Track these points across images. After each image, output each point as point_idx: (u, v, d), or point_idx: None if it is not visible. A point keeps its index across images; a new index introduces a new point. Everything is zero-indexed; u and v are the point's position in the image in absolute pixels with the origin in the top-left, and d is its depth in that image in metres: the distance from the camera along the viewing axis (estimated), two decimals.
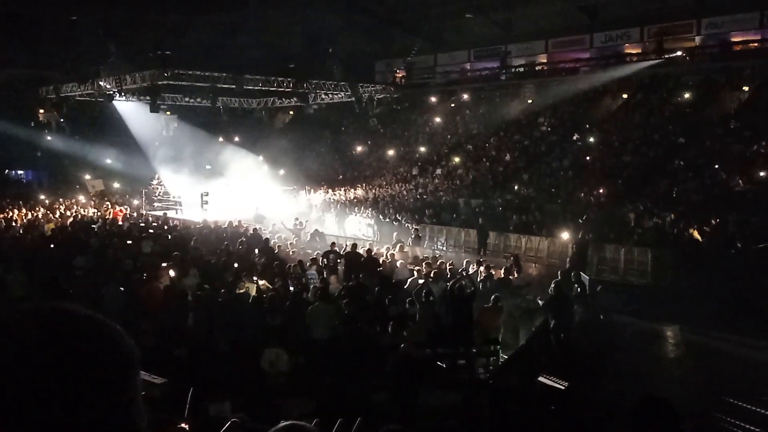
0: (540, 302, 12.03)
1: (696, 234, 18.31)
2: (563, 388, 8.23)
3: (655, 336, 13.52)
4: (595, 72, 32.48)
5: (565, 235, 19.50)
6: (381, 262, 16.08)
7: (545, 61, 37.46)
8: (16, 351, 0.75)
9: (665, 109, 28.58)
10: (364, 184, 32.00)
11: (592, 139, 28.09)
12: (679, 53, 30.97)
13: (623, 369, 10.40)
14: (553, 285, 12.15)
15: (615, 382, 9.84)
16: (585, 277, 14.18)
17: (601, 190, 23.60)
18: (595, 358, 10.66)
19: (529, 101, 33.77)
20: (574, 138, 29.17)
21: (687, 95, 28.62)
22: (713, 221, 18.45)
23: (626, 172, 24.90)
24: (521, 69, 37.52)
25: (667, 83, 29.92)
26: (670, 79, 29.96)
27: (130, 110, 35.18)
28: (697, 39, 31.63)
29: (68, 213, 25.40)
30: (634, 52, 33.66)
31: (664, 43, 31.31)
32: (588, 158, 27.03)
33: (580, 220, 20.49)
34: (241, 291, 12.60)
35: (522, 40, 37.70)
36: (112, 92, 31.60)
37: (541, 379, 8.42)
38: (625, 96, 31.01)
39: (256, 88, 32.73)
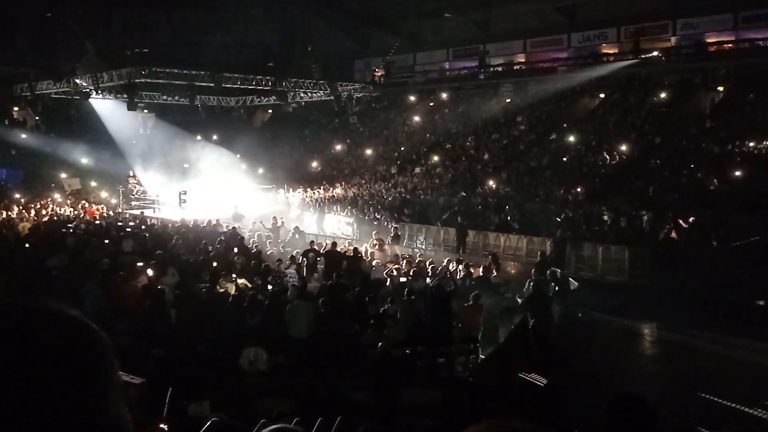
0: (519, 300, 12.12)
1: (672, 233, 18.55)
2: (542, 385, 8.30)
3: (633, 333, 13.71)
4: (572, 72, 32.75)
5: (543, 234, 19.67)
6: (361, 260, 16.08)
7: (523, 60, 37.66)
8: None
9: (642, 108, 28.92)
10: (343, 183, 31.96)
11: (569, 138, 28.33)
12: (655, 53, 31.35)
13: (601, 366, 10.52)
14: (531, 283, 12.26)
15: (593, 379, 9.94)
16: (563, 275, 14.31)
17: (578, 189, 23.82)
18: (574, 355, 10.77)
19: (508, 100, 33.97)
20: (552, 137, 29.40)
21: (663, 95, 29.00)
22: (689, 220, 18.71)
23: (603, 171, 25.16)
24: (499, 68, 37.70)
25: (643, 83, 30.28)
26: (646, 79, 30.34)
27: (107, 108, 34.72)
28: (673, 39, 32.03)
29: (44, 212, 25.02)
30: (610, 52, 33.98)
31: (641, 43, 31.68)
32: (566, 157, 27.26)
33: (558, 219, 20.66)
34: (221, 290, 12.53)
35: (500, 40, 37.86)
36: (88, 90, 31.17)
37: (520, 376, 8.49)
38: (602, 95, 31.33)
39: (235, 86, 32.51)
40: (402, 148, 34.47)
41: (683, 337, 13.23)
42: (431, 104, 37.91)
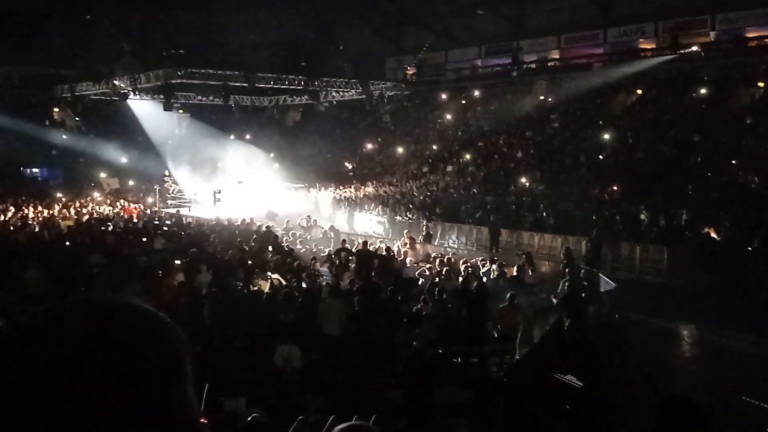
0: (554, 300, 11.98)
1: (712, 232, 18.15)
2: (578, 386, 8.19)
3: (671, 335, 13.44)
4: (608, 68, 32.24)
5: (578, 233, 19.42)
6: (394, 259, 16.08)
7: (558, 57, 37.23)
8: (73, 343, 0.75)
9: (680, 105, 28.33)
10: (374, 182, 32.01)
11: (605, 136, 27.90)
12: (694, 49, 30.67)
13: (639, 368, 10.34)
14: (566, 283, 12.10)
15: (630, 381, 9.78)
16: (599, 275, 14.10)
17: (615, 188, 23.45)
18: (610, 357, 10.60)
19: (541, 97, 33.58)
20: (588, 134, 28.99)
21: (702, 91, 28.35)
22: (729, 219, 18.28)
23: (640, 169, 24.73)
24: (533, 65, 37.31)
25: (681, 79, 29.65)
26: (684, 75, 29.69)
27: (144, 109, 35.40)
28: (712, 34, 31.32)
29: (84, 211, 25.60)
30: (648, 47, 33.37)
31: (679, 38, 31.04)
32: (601, 155, 26.86)
33: (594, 218, 20.37)
34: (255, 288, 12.66)
35: (534, 36, 37.48)
36: (126, 91, 31.81)
37: (555, 377, 8.39)
38: (639, 92, 30.77)
39: (268, 86, 32.82)
40: (434, 147, 34.36)
41: (723, 339, 12.93)
42: (463, 102, 37.70)
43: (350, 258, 16.07)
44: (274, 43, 37.76)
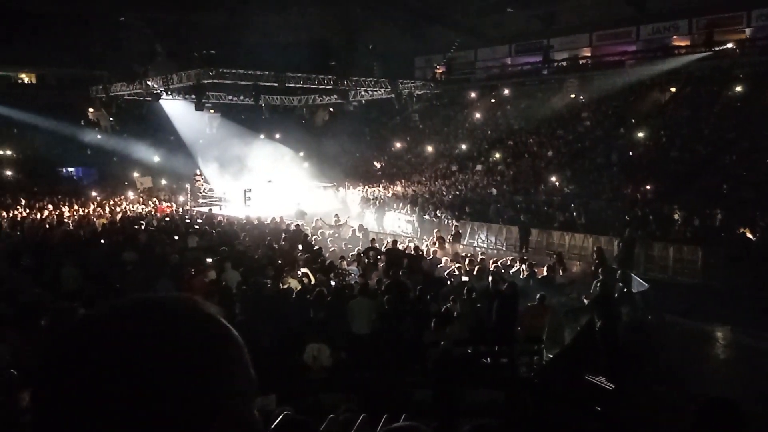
0: (585, 301, 11.84)
1: (747, 232, 17.76)
2: (610, 389, 8.08)
3: (705, 337, 13.18)
4: (641, 65, 31.75)
5: (610, 233, 19.17)
6: (422, 258, 16.05)
7: (589, 54, 36.78)
8: (136, 342, 0.76)
9: (715, 103, 27.77)
10: (403, 181, 31.99)
11: (638, 134, 27.48)
12: (729, 45, 30.04)
13: (672, 370, 10.17)
14: (598, 283, 11.94)
15: (663, 383, 9.62)
16: (632, 276, 13.90)
17: (647, 187, 23.09)
18: (643, 359, 10.43)
19: (572, 96, 33.21)
20: (620, 133, 28.59)
21: (737, 89, 27.74)
22: (765, 219, 17.87)
23: (674, 168, 24.30)
24: (564, 63, 36.91)
25: (716, 76, 29.04)
26: (719, 73, 29.08)
27: (176, 109, 35.91)
28: (748, 31, 30.64)
29: (117, 209, 26.07)
30: (682, 44, 32.78)
31: (714, 35, 30.43)
32: (634, 154, 26.47)
33: (627, 217, 20.08)
34: (284, 286, 12.75)
35: (565, 34, 37.09)
36: (159, 91, 32.31)
37: (586, 378, 8.29)
38: (673, 90, 30.23)
39: (298, 85, 33.03)
40: (463, 146, 34.21)
41: (758, 341, 12.63)
42: (492, 101, 37.47)
43: (379, 257, 16.07)
44: (303, 43, 37.99)
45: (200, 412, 0.76)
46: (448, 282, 13.75)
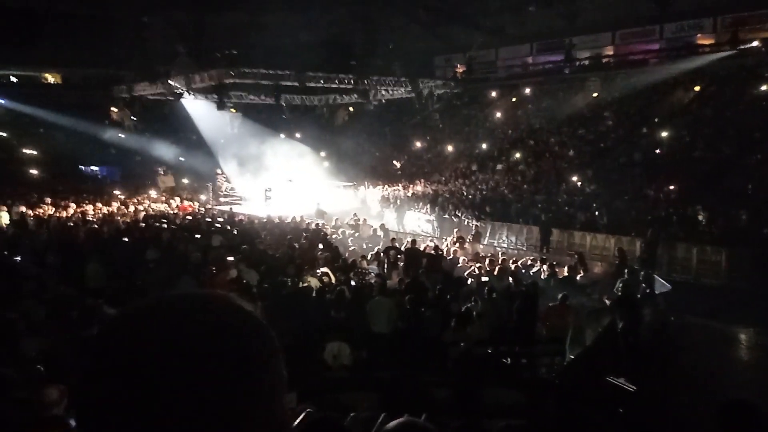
0: (607, 302, 11.75)
1: None
2: (632, 390, 8.01)
3: (729, 339, 13.01)
4: (665, 64, 31.37)
5: (632, 233, 18.99)
6: (442, 258, 16.04)
7: (612, 53, 36.43)
8: (176, 336, 0.77)
9: (740, 102, 27.35)
10: (423, 180, 31.97)
11: (661, 134, 27.16)
12: (755, 44, 29.55)
13: (695, 373, 10.06)
14: (620, 285, 11.85)
15: (687, 386, 9.52)
16: (654, 277, 13.76)
17: (671, 187, 22.82)
18: (666, 360, 10.33)
19: (595, 95, 32.93)
20: (643, 132, 28.28)
21: (763, 88, 27.28)
22: None
23: (698, 168, 23.99)
24: (586, 62, 36.59)
25: (741, 75, 28.60)
26: (745, 71, 28.63)
27: (198, 108, 36.22)
28: None
29: (140, 207, 26.36)
30: (706, 43, 32.33)
31: (739, 33, 29.97)
32: (657, 153, 26.18)
33: (650, 218, 19.87)
34: (305, 285, 12.81)
35: (587, 32, 36.76)
36: (181, 91, 32.62)
37: (608, 380, 8.23)
38: (697, 89, 29.82)
39: (318, 85, 33.13)
40: (483, 145, 34.08)
41: None
42: (513, 100, 37.27)
43: (399, 256, 16.09)
44: (324, 43, 38.09)
45: (242, 407, 0.77)
46: (468, 282, 13.73)
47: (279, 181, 30.33)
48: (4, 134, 36.90)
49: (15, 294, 10.42)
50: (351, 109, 42.20)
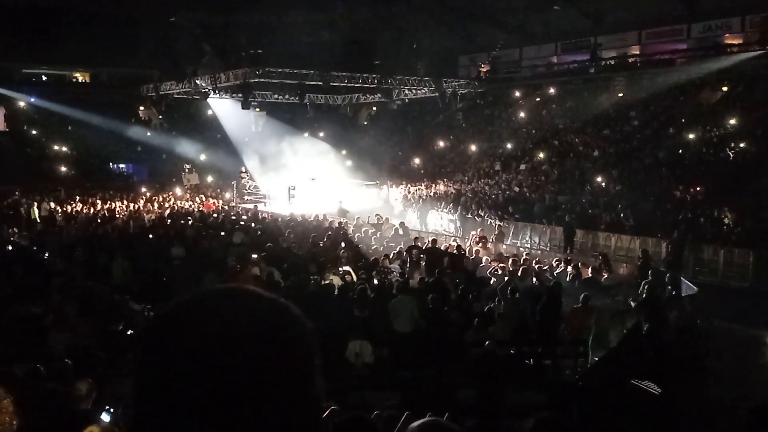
0: (632, 304, 11.63)
1: None
2: (657, 393, 7.93)
3: (756, 342, 12.81)
4: (692, 64, 30.92)
5: (658, 235, 18.77)
6: (465, 258, 16.00)
7: (638, 53, 36.01)
8: (225, 331, 0.79)
9: None
10: (445, 180, 31.89)
11: (688, 134, 26.79)
12: None
13: (721, 376, 9.92)
14: (646, 286, 11.72)
15: (712, 389, 9.40)
16: (680, 279, 13.59)
17: (698, 188, 22.51)
18: (692, 364, 10.20)
19: (620, 95, 32.57)
20: (669, 133, 27.92)
21: None
22: None
23: (725, 169, 23.62)
24: (612, 61, 36.21)
25: None
26: None
27: (223, 107, 36.57)
28: None
29: (166, 205, 26.69)
30: (734, 42, 31.80)
31: None
32: (683, 154, 25.83)
33: (675, 219, 19.62)
34: (327, 283, 12.86)
35: (613, 32, 36.37)
36: (207, 90, 32.95)
37: (632, 383, 8.15)
38: (724, 89, 29.35)
39: (342, 84, 33.23)
40: (507, 145, 33.91)
41: None
42: (537, 99, 37.02)
43: (422, 255, 16.08)
44: (347, 42, 38.23)
45: (295, 398, 0.79)
46: (491, 281, 13.68)
47: (302, 179, 30.48)
48: (35, 132, 37.58)
49: (44, 289, 10.64)
50: (374, 108, 42.27)
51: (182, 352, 0.77)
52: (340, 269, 13.80)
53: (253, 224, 20.80)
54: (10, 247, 15.55)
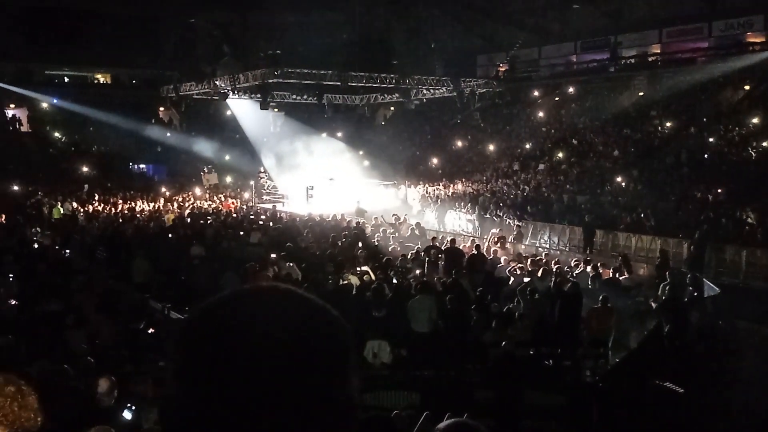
0: (653, 305, 11.51)
1: None
2: (679, 393, 7.84)
3: None
4: (713, 62, 30.53)
5: (679, 235, 18.56)
6: (483, 258, 15.93)
7: (659, 51, 35.64)
8: (265, 328, 0.79)
9: None
10: (463, 180, 31.80)
11: (710, 134, 26.46)
12: None
13: (744, 377, 9.78)
14: (666, 287, 11.60)
15: (734, 391, 9.27)
16: (702, 280, 13.43)
17: (719, 188, 22.22)
18: (713, 365, 10.07)
19: (641, 94, 32.25)
20: (691, 132, 27.59)
21: None
22: None
23: (748, 169, 23.29)
24: (632, 60, 35.88)
25: None
26: None
27: (242, 107, 36.79)
28: None
29: (186, 205, 26.90)
30: (757, 41, 31.34)
31: None
32: (705, 153, 25.52)
33: (697, 219, 19.38)
34: (345, 282, 12.88)
35: (633, 30, 36.03)
36: (226, 91, 33.18)
37: (654, 384, 8.07)
38: (746, 88, 28.94)
39: (360, 84, 33.26)
40: (525, 145, 33.73)
41: None
42: (557, 99, 36.77)
43: (440, 255, 16.05)
44: (365, 42, 38.26)
45: (335, 396, 0.80)
46: (510, 282, 13.61)
47: (320, 179, 30.57)
48: (57, 133, 38.09)
49: (66, 288, 10.77)
50: (392, 108, 42.26)
51: (225, 348, 0.77)
52: (358, 269, 13.82)
53: (271, 224, 20.89)
54: (36, 246, 15.77)
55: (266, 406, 0.75)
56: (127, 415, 5.13)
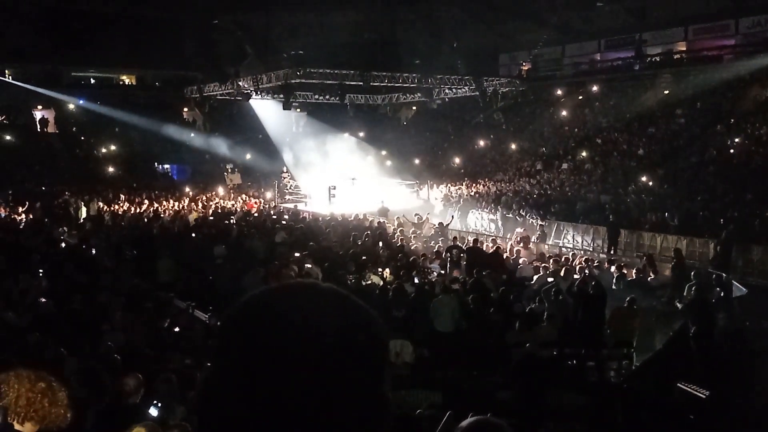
0: (678, 305, 11.36)
1: None
2: (704, 397, 7.74)
3: None
4: (740, 60, 30.01)
5: (705, 235, 18.28)
6: (505, 258, 15.87)
7: (684, 49, 35.14)
8: (304, 324, 0.81)
9: None
10: (486, 179, 31.67)
11: (737, 133, 26.02)
12: None
13: None
14: (693, 288, 11.44)
15: (761, 393, 9.12)
16: (729, 280, 13.22)
17: (746, 187, 21.83)
18: (740, 367, 9.91)
19: (666, 92, 31.82)
20: (717, 131, 27.16)
21: None
22: None
23: None
24: (657, 58, 35.42)
25: None
26: None
27: (264, 108, 37.02)
28: None
29: (209, 204, 27.13)
30: None
31: None
32: (731, 152, 25.11)
33: (723, 219, 19.08)
34: (367, 282, 12.92)
35: (658, 28, 35.59)
36: (249, 91, 33.41)
37: (679, 386, 7.96)
38: None
39: (382, 84, 33.27)
40: (549, 144, 33.48)
41: None
42: (580, 98, 36.41)
43: (462, 255, 16.01)
44: (387, 41, 38.28)
45: (373, 392, 0.81)
46: (533, 282, 13.54)
47: (343, 179, 30.64)
48: (83, 133, 38.67)
49: (92, 286, 10.94)
50: (414, 107, 42.22)
51: (266, 343, 0.79)
52: (379, 269, 13.85)
53: (294, 223, 21.00)
54: (63, 245, 16.03)
55: (315, 399, 0.76)
56: (154, 412, 5.21)
